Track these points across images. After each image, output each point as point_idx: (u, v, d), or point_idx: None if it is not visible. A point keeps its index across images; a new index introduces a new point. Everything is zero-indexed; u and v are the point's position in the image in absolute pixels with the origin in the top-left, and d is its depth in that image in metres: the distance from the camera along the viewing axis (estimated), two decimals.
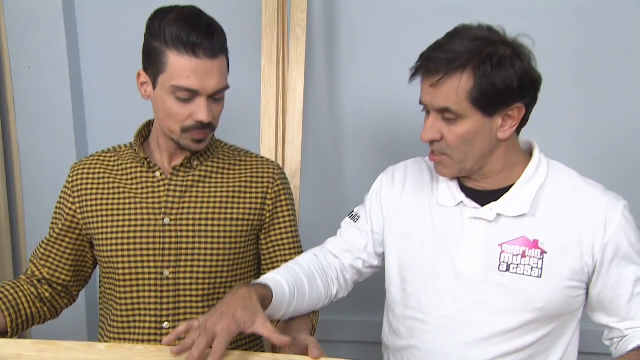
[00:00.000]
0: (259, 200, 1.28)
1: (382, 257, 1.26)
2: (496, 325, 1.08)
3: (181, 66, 1.10)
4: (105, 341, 1.28)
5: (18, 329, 1.22)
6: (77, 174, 1.28)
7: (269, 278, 1.11)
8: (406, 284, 1.16)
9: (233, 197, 1.27)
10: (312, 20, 1.82)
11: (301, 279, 1.16)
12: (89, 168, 1.28)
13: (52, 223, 1.31)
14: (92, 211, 1.25)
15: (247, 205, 1.27)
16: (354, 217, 1.27)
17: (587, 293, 1.13)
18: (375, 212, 1.24)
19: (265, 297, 1.04)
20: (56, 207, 1.31)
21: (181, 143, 1.18)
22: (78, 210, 1.27)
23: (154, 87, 1.16)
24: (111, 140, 1.51)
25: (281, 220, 1.31)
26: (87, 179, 1.27)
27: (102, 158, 1.30)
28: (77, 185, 1.27)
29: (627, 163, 1.76)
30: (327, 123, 1.88)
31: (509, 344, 1.08)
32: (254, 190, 1.28)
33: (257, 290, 1.02)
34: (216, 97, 1.17)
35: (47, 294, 1.27)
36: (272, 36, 1.71)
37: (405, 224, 1.19)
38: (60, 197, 1.30)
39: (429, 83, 1.06)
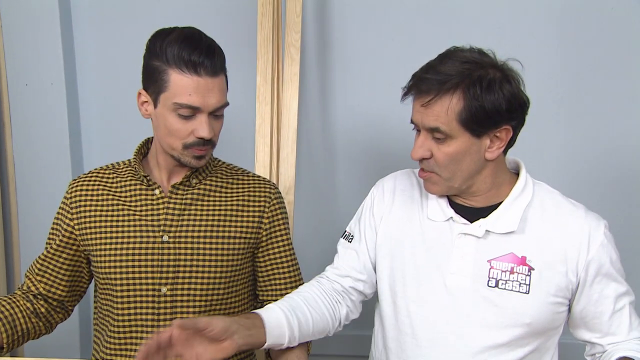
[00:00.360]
0: (256, 219, 1.29)
1: None
2: (486, 340, 1.09)
3: (183, 84, 1.12)
4: (101, 357, 1.28)
5: (14, 344, 1.22)
6: (76, 191, 1.28)
7: (264, 309, 1.13)
8: (396, 297, 1.17)
9: (231, 215, 1.27)
10: (305, 40, 1.84)
11: (298, 303, 1.16)
12: (88, 185, 1.29)
13: (49, 239, 1.30)
14: (90, 227, 1.25)
15: (245, 224, 1.28)
16: (348, 237, 1.28)
17: (570, 310, 1.15)
18: (369, 229, 1.25)
19: (254, 327, 1.06)
20: (53, 224, 1.31)
21: (182, 160, 1.19)
22: (76, 227, 1.26)
23: (155, 106, 1.18)
24: (107, 158, 1.52)
25: (278, 238, 1.32)
26: (86, 195, 1.27)
27: (100, 175, 1.30)
28: (75, 202, 1.27)
29: (610, 177, 1.80)
30: (320, 140, 1.90)
31: (498, 359, 1.09)
32: (251, 208, 1.29)
33: (243, 333, 1.03)
34: (217, 114, 1.19)
35: (42, 309, 1.27)
36: (267, 55, 1.73)
37: (396, 237, 1.20)
38: (58, 214, 1.30)
39: (420, 103, 1.08)
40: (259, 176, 1.37)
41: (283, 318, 1.11)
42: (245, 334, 1.03)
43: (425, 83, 1.06)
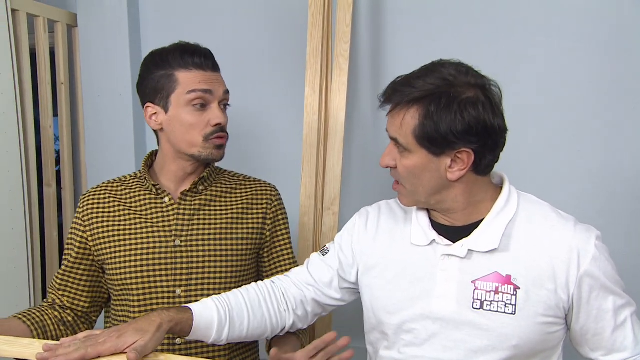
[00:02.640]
0: (260, 220, 1.35)
1: (347, 293, 1.26)
2: None
3: (192, 77, 1.23)
4: None
5: None
6: (87, 204, 1.33)
7: (200, 303, 1.14)
8: (383, 326, 1.15)
9: (237, 217, 1.33)
10: (356, 50, 1.84)
11: (240, 304, 1.17)
12: (98, 197, 1.33)
13: (65, 254, 1.34)
14: (103, 237, 1.29)
15: (250, 225, 1.33)
16: (324, 252, 1.28)
17: (569, 328, 1.10)
18: (345, 250, 1.24)
19: (183, 322, 1.07)
20: (68, 238, 1.35)
21: (203, 155, 1.25)
22: (89, 238, 1.30)
23: (167, 111, 1.24)
24: None
25: (280, 237, 1.38)
26: (97, 207, 1.32)
27: (109, 187, 1.35)
28: (87, 215, 1.31)
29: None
30: (371, 151, 1.87)
31: None
32: (254, 210, 1.35)
33: (170, 316, 1.05)
34: (222, 106, 1.28)
35: (69, 318, 1.31)
36: (316, 66, 1.75)
37: (380, 266, 1.18)
38: (72, 228, 1.34)
39: (389, 111, 1.09)
40: (259, 180, 1.42)
41: (215, 321, 1.11)
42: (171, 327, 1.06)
43: (393, 92, 1.07)
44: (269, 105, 1.95)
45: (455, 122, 1.01)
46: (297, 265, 1.35)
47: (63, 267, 1.33)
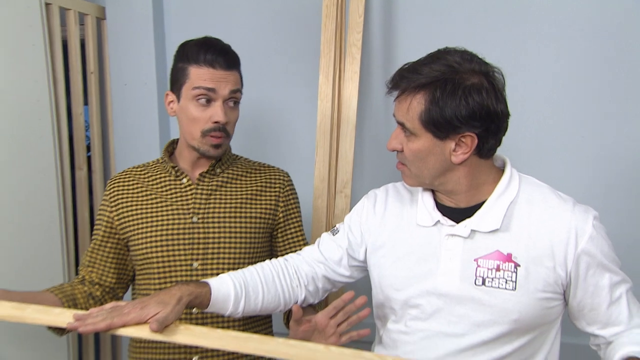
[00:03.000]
0: (273, 202, 1.41)
1: (356, 270, 1.30)
2: (474, 337, 1.09)
3: (201, 73, 1.27)
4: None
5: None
6: (113, 187, 1.40)
7: (217, 278, 1.18)
8: (390, 302, 1.18)
9: (251, 199, 1.39)
10: (369, 39, 1.88)
11: (255, 280, 1.21)
12: (123, 181, 1.40)
13: (94, 233, 1.40)
14: (128, 216, 1.36)
15: (263, 206, 1.39)
16: (334, 232, 1.31)
17: (567, 303, 1.12)
18: (354, 230, 1.28)
19: (202, 295, 1.12)
20: (96, 219, 1.41)
21: (201, 149, 1.31)
22: (115, 218, 1.37)
23: (179, 100, 1.31)
24: None
25: (293, 219, 1.44)
26: (122, 190, 1.39)
27: (134, 172, 1.42)
28: (113, 197, 1.38)
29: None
30: (382, 136, 1.91)
31: (486, 355, 1.09)
32: (267, 194, 1.41)
33: (189, 290, 1.10)
34: (231, 104, 1.31)
35: (97, 293, 1.36)
36: (330, 55, 1.80)
37: (387, 245, 1.21)
38: (99, 210, 1.41)
39: (396, 96, 1.11)
40: (272, 166, 1.47)
41: (231, 295, 1.16)
42: (190, 300, 1.10)
43: (401, 79, 1.08)
44: (285, 93, 1.99)
45: (459, 107, 1.03)
46: (308, 245, 1.39)
47: (92, 245, 1.40)
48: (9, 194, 1.72)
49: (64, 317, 1.09)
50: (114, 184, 1.41)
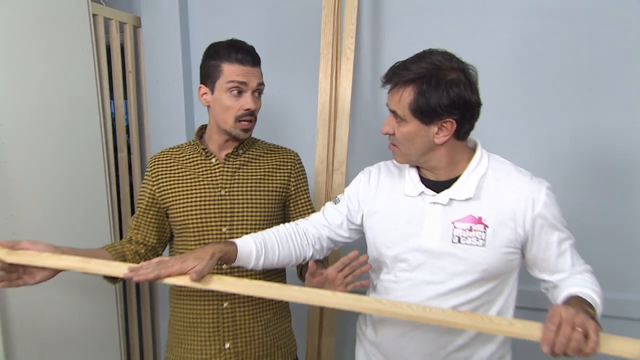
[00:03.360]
0: (285, 178, 1.42)
1: (354, 232, 1.32)
2: (451, 284, 1.12)
3: (233, 70, 1.28)
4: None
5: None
6: (154, 165, 1.40)
7: (242, 239, 1.21)
8: (382, 257, 1.21)
9: (268, 176, 1.40)
10: (360, 43, 1.89)
11: (272, 240, 1.23)
12: (163, 160, 1.41)
13: (138, 203, 1.41)
14: (167, 190, 1.37)
15: (278, 182, 1.41)
16: (336, 201, 1.33)
17: (523, 256, 1.15)
18: (352, 200, 1.29)
19: (230, 252, 1.15)
20: (140, 192, 1.42)
21: (233, 132, 1.32)
22: (157, 191, 1.38)
23: (213, 92, 1.31)
24: None
25: (302, 192, 1.46)
26: (162, 167, 1.39)
27: (170, 152, 1.42)
28: (154, 173, 1.39)
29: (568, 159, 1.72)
30: (370, 123, 1.93)
31: (461, 297, 1.12)
32: (281, 171, 1.42)
33: (220, 247, 1.13)
34: (256, 95, 1.32)
35: (142, 251, 1.38)
36: (328, 56, 1.81)
37: (380, 212, 1.22)
38: (143, 182, 1.41)
39: (389, 89, 1.13)
40: (284, 148, 1.48)
41: (254, 252, 1.19)
42: (221, 256, 1.13)
43: (393, 74, 1.10)
44: (291, 88, 2.00)
45: (442, 98, 1.05)
46: (315, 212, 1.41)
47: (137, 213, 1.41)
48: (65, 171, 1.75)
49: (120, 269, 1.13)
50: (154, 162, 1.42)
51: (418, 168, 1.20)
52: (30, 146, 1.61)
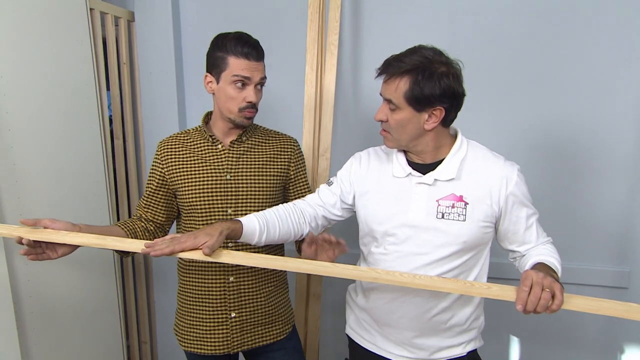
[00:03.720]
0: (285, 164, 1.42)
1: (346, 211, 1.33)
2: (435, 254, 1.16)
3: (238, 64, 1.26)
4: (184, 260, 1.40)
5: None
6: (164, 149, 1.38)
7: (246, 217, 1.22)
8: (373, 232, 1.23)
9: (270, 160, 1.40)
10: (343, 39, 1.90)
11: (273, 218, 1.24)
12: (171, 145, 1.39)
13: (148, 183, 1.40)
14: (176, 172, 1.35)
15: (278, 167, 1.41)
16: (329, 183, 1.34)
17: (496, 230, 1.20)
18: (345, 182, 1.31)
19: (236, 229, 1.16)
20: (150, 173, 1.40)
21: (236, 121, 1.31)
22: (166, 174, 1.36)
23: (218, 82, 1.30)
24: None
25: (300, 176, 1.46)
26: (171, 151, 1.37)
27: (178, 138, 1.40)
28: (164, 156, 1.37)
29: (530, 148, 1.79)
30: (352, 114, 1.96)
31: (444, 267, 1.16)
32: (281, 157, 1.42)
33: (227, 225, 1.14)
34: (259, 87, 1.31)
35: (151, 228, 1.39)
36: (314, 51, 1.81)
37: (371, 191, 1.24)
38: (152, 166, 1.40)
39: (384, 79, 1.14)
40: (285, 134, 1.47)
41: (257, 229, 1.20)
42: (228, 233, 1.14)
43: (389, 66, 1.12)
44: (280, 80, 1.99)
45: (434, 88, 1.07)
46: (311, 193, 1.42)
47: (146, 193, 1.40)
48: (67, 156, 1.71)
49: (136, 245, 1.13)
50: (164, 147, 1.39)
51: (405, 152, 1.23)
52: (35, 133, 1.57)
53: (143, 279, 2.22)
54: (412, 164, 1.21)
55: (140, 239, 1.35)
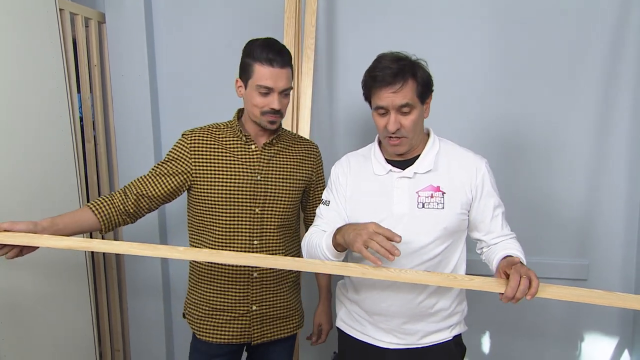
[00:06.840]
0: (309, 169, 1.50)
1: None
2: (418, 242, 1.23)
3: (263, 72, 1.29)
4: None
5: (106, 232, 1.33)
6: (194, 139, 1.38)
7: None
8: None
9: (297, 165, 1.47)
10: (318, 44, 1.93)
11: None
12: (202, 136, 1.39)
13: (161, 165, 1.37)
14: (205, 166, 1.37)
15: (304, 171, 1.48)
16: (326, 203, 1.34)
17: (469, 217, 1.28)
18: (340, 194, 1.33)
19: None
20: (169, 157, 1.38)
21: (261, 124, 1.36)
22: (193, 165, 1.37)
23: (245, 88, 1.34)
24: (178, 126, 1.64)
25: (321, 181, 1.56)
26: (201, 143, 1.38)
27: (210, 130, 1.40)
28: (193, 147, 1.37)
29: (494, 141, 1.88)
30: (327, 117, 1.99)
31: (426, 254, 1.23)
32: (307, 162, 1.50)
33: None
34: (284, 94, 1.34)
35: (131, 210, 1.34)
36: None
37: (356, 191, 1.30)
38: (177, 152, 1.37)
39: (391, 90, 1.16)
40: (308, 140, 1.55)
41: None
42: None
43: (391, 77, 1.16)
44: None
45: (429, 80, 1.21)
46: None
47: (157, 172, 1.37)
48: (37, 160, 1.66)
49: (122, 247, 1.13)
50: (194, 138, 1.39)
51: (382, 152, 1.29)
52: (3, 136, 1.51)
53: (115, 284, 2.16)
54: (389, 161, 1.28)
55: (115, 222, 1.33)
